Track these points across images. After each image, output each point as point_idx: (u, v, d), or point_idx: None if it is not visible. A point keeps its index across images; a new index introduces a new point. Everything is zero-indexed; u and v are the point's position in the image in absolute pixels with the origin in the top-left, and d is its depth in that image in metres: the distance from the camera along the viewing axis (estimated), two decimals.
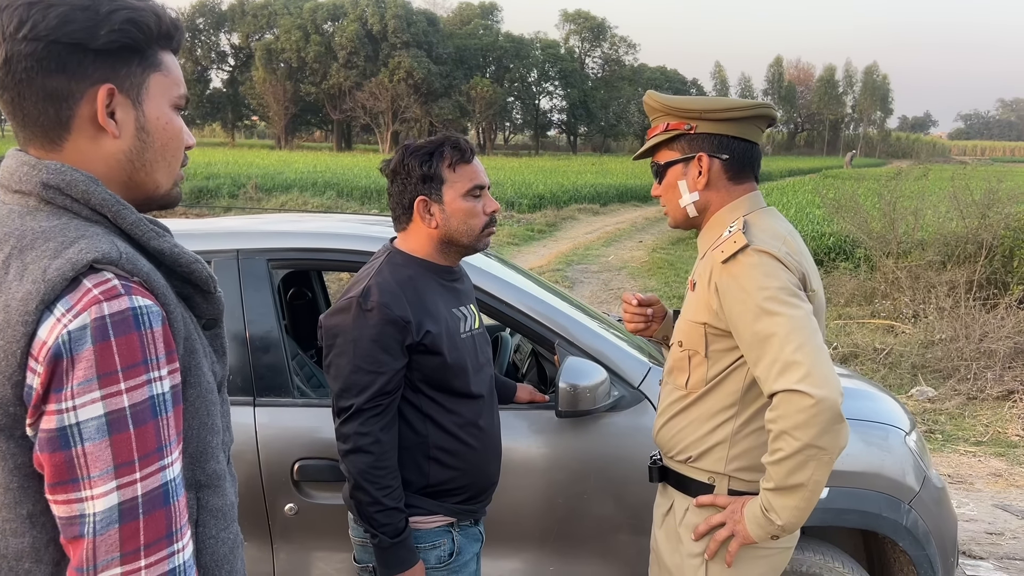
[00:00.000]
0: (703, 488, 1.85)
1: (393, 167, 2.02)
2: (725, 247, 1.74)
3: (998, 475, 5.22)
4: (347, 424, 1.87)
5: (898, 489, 2.52)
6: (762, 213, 1.84)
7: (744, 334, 1.69)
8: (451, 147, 2.00)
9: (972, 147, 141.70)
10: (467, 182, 2.00)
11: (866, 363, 7.28)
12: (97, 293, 0.94)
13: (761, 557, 1.83)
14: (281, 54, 70.40)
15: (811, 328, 1.63)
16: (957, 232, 9.58)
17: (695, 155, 1.84)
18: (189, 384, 1.08)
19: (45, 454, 0.92)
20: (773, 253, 1.69)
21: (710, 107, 1.82)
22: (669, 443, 1.92)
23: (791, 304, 1.64)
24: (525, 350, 3.38)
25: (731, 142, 1.83)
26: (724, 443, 1.81)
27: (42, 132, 1.04)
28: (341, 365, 1.88)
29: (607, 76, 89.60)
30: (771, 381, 1.62)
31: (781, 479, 1.62)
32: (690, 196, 1.87)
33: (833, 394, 1.56)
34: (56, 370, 0.92)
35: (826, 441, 1.57)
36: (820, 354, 1.60)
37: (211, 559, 1.13)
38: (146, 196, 1.14)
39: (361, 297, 1.89)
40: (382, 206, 21.79)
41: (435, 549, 1.98)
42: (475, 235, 2.02)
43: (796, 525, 1.68)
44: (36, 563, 0.99)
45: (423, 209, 1.99)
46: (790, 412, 1.58)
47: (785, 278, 1.67)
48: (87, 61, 1.02)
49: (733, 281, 1.70)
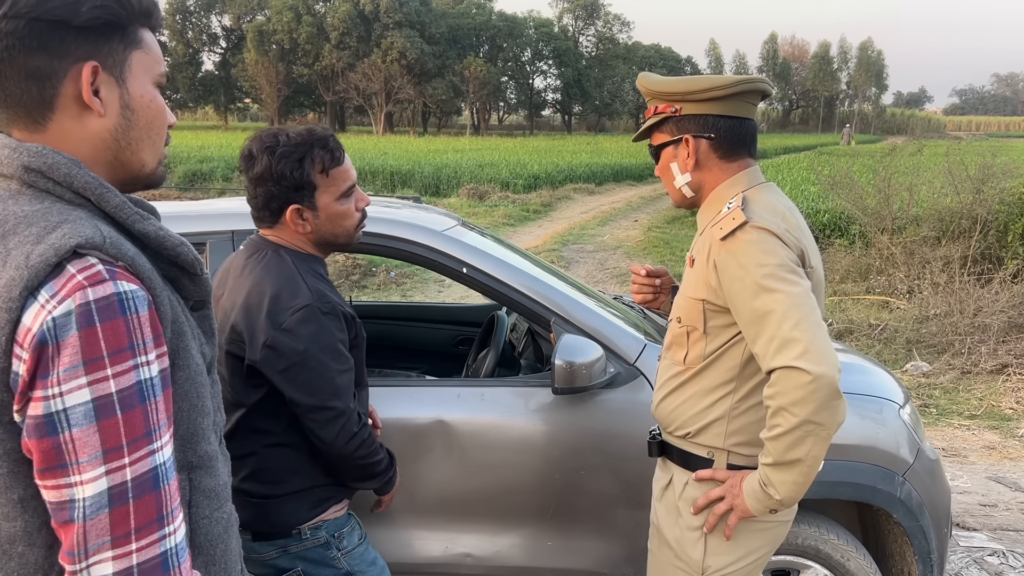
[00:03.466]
0: (702, 462, 1.86)
1: (259, 173, 1.88)
2: (724, 224, 1.73)
3: (992, 448, 5.26)
4: (348, 427, 1.88)
5: (892, 461, 2.54)
6: (761, 189, 1.83)
7: (742, 311, 1.69)
8: (321, 149, 1.89)
9: (967, 122, 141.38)
10: (340, 185, 1.93)
11: (861, 339, 7.31)
12: (81, 279, 0.93)
13: (760, 530, 1.85)
14: (273, 35, 69.82)
15: (809, 305, 1.63)
16: (952, 207, 9.59)
17: (682, 137, 1.85)
18: (178, 367, 1.07)
19: (33, 440, 0.92)
20: (772, 230, 1.69)
21: (692, 88, 1.81)
22: (668, 418, 1.93)
23: (789, 281, 1.64)
24: (521, 329, 3.39)
25: (717, 120, 1.82)
26: (722, 419, 1.82)
27: (25, 112, 1.03)
28: (322, 374, 1.84)
29: (601, 55, 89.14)
30: (769, 358, 1.62)
31: (779, 454, 1.63)
32: (682, 178, 1.88)
33: (831, 371, 1.57)
34: (42, 357, 0.91)
35: (824, 417, 1.58)
36: (818, 331, 1.60)
37: (205, 539, 1.14)
38: (131, 176, 1.12)
39: (317, 301, 1.86)
40: (376, 187, 21.73)
41: (353, 531, 2.05)
42: (350, 234, 2.00)
43: (794, 500, 1.69)
44: (29, 546, 0.99)
45: (296, 217, 1.92)
46: (788, 388, 1.58)
47: (784, 255, 1.67)
48: (69, 38, 1.01)
49: (731, 258, 1.70)
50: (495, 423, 2.50)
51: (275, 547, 1.95)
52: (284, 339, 1.83)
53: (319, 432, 1.87)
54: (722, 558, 1.84)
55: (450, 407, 2.50)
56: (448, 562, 2.55)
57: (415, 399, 2.54)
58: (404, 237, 2.57)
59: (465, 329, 4.04)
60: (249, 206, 1.98)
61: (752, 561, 1.87)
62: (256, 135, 1.96)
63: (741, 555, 1.85)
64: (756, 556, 1.87)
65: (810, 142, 58.36)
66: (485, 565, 2.56)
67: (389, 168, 23.14)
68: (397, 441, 2.46)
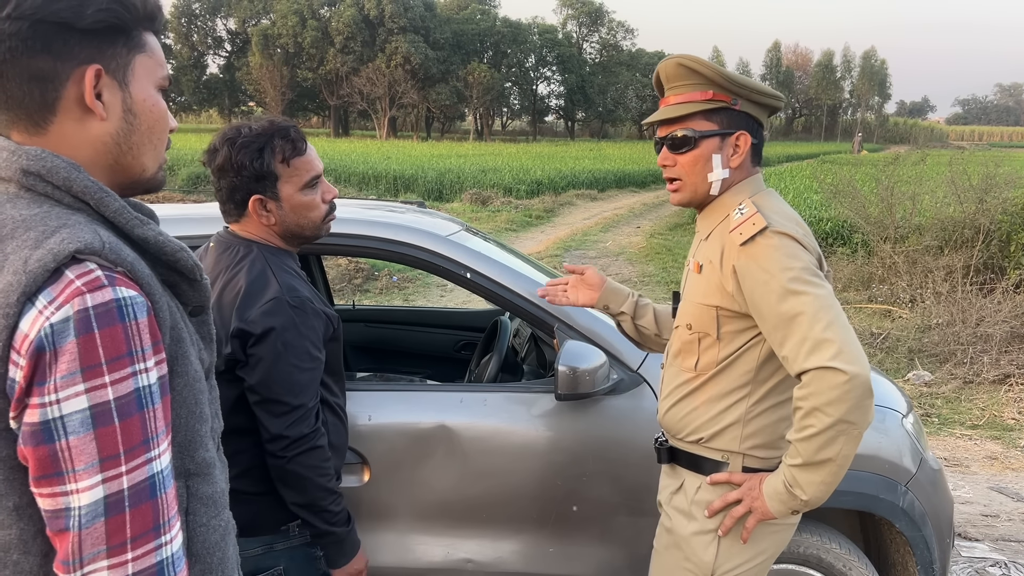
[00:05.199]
0: (716, 466, 1.85)
1: (220, 164, 1.90)
2: (743, 229, 1.72)
3: (994, 458, 5.25)
4: (298, 425, 1.82)
5: (895, 471, 2.53)
6: (767, 195, 1.83)
7: (768, 316, 1.67)
8: (282, 139, 1.89)
9: (970, 132, 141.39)
10: (304, 175, 1.92)
11: (863, 347, 7.29)
12: (80, 284, 0.92)
13: (771, 532, 1.85)
14: (278, 39, 70.00)
15: (837, 307, 1.64)
16: (954, 217, 9.57)
17: (735, 132, 1.80)
18: (176, 373, 1.06)
19: (29, 447, 0.91)
20: (792, 235, 1.69)
21: (755, 87, 1.79)
22: (677, 425, 1.91)
23: (815, 284, 1.65)
24: (524, 334, 3.38)
25: (757, 125, 1.83)
26: (738, 422, 1.81)
27: (26, 115, 1.02)
28: (279, 367, 1.82)
29: (605, 61, 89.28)
30: (801, 359, 1.62)
31: (810, 455, 1.63)
32: (722, 172, 1.81)
33: (865, 370, 1.58)
34: (39, 363, 0.90)
35: (857, 416, 1.59)
36: (848, 332, 1.62)
37: (202, 546, 1.12)
38: (132, 180, 1.11)
39: (287, 294, 1.85)
40: (380, 191, 21.75)
41: None
42: (316, 226, 1.98)
43: (821, 499, 1.68)
44: (24, 554, 0.98)
45: (259, 207, 1.92)
46: (823, 389, 1.58)
47: (807, 259, 1.68)
48: (73, 41, 1.00)
49: (753, 263, 1.69)
50: (497, 429, 2.49)
51: (261, 544, 1.93)
52: (247, 329, 1.83)
53: (267, 423, 1.82)
54: (732, 560, 1.84)
55: (452, 412, 2.49)
56: (449, 567, 2.54)
57: (417, 404, 2.53)
58: (408, 242, 2.57)
59: (468, 334, 4.04)
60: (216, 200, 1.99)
61: (760, 562, 1.87)
62: (221, 129, 1.98)
63: (750, 556, 1.85)
64: (764, 557, 1.87)
65: (813, 150, 58.37)
66: (486, 571, 2.55)
67: (392, 173, 23.15)
68: (399, 445, 2.46)
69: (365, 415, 2.43)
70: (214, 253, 2.00)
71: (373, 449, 2.43)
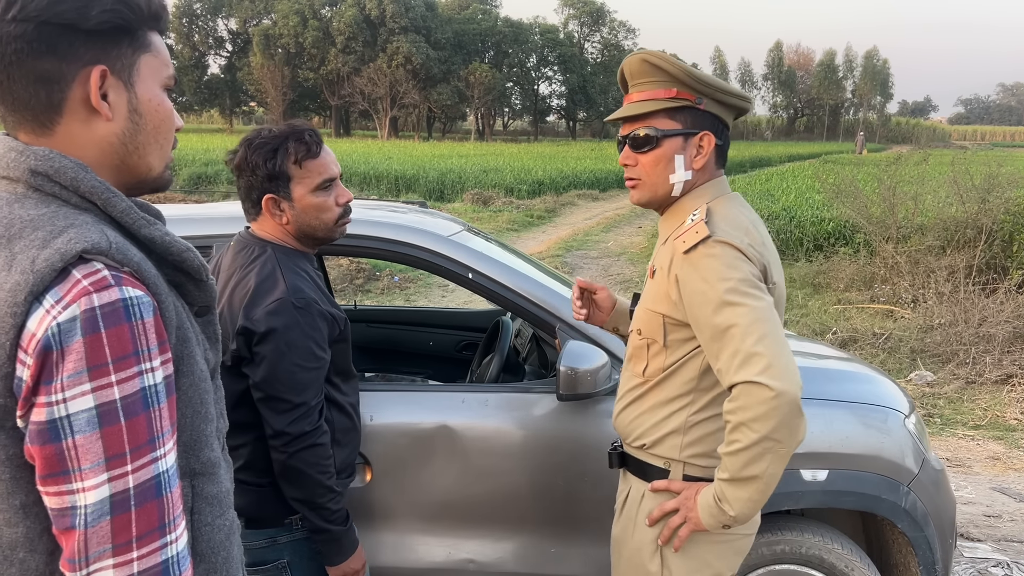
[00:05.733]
0: (659, 473, 1.83)
1: (237, 163, 1.99)
2: (687, 237, 1.69)
3: (996, 458, 5.24)
4: (299, 422, 1.86)
5: (897, 471, 2.53)
6: (726, 200, 1.78)
7: (704, 326, 1.64)
8: (295, 142, 1.95)
9: (972, 132, 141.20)
10: (316, 177, 1.97)
11: (865, 348, 7.29)
12: (87, 284, 0.93)
13: (718, 542, 1.80)
14: (279, 39, 70.05)
15: (773, 320, 1.59)
16: (957, 217, 9.56)
17: (699, 132, 1.75)
18: (182, 373, 1.07)
19: (36, 446, 0.92)
20: (735, 244, 1.65)
21: (721, 86, 1.74)
22: (626, 429, 1.90)
23: (752, 296, 1.60)
24: (526, 334, 3.38)
25: (722, 126, 1.78)
26: (679, 431, 1.78)
27: (32, 116, 1.02)
28: (282, 366, 1.86)
29: (606, 61, 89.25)
30: (731, 373, 1.58)
31: (736, 470, 1.59)
32: (684, 173, 1.76)
33: (793, 387, 1.53)
34: (46, 362, 0.91)
35: (783, 434, 1.54)
36: (781, 347, 1.57)
37: (207, 546, 1.13)
38: (138, 180, 1.12)
39: (292, 295, 1.89)
40: (381, 191, 21.76)
41: None
42: (329, 227, 2.03)
43: (748, 517, 1.65)
44: (30, 552, 0.99)
45: (272, 206, 1.98)
46: (750, 404, 1.54)
47: (747, 270, 1.63)
48: (78, 42, 1.00)
49: (694, 272, 1.66)
50: (499, 429, 2.49)
51: (265, 536, 1.97)
52: (252, 328, 1.87)
53: (270, 420, 1.87)
54: (677, 571, 1.80)
55: (454, 412, 2.50)
56: (451, 568, 2.54)
57: (419, 404, 2.54)
58: (409, 242, 2.58)
59: (469, 334, 4.04)
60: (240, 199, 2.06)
61: (712, 574, 1.82)
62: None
63: (697, 567, 1.80)
64: (715, 570, 1.82)
65: (815, 150, 58.29)
66: (488, 571, 2.55)
67: (394, 173, 23.16)
68: (401, 446, 2.46)
69: (367, 415, 2.43)
70: (232, 252, 2.06)
71: (375, 449, 2.43)
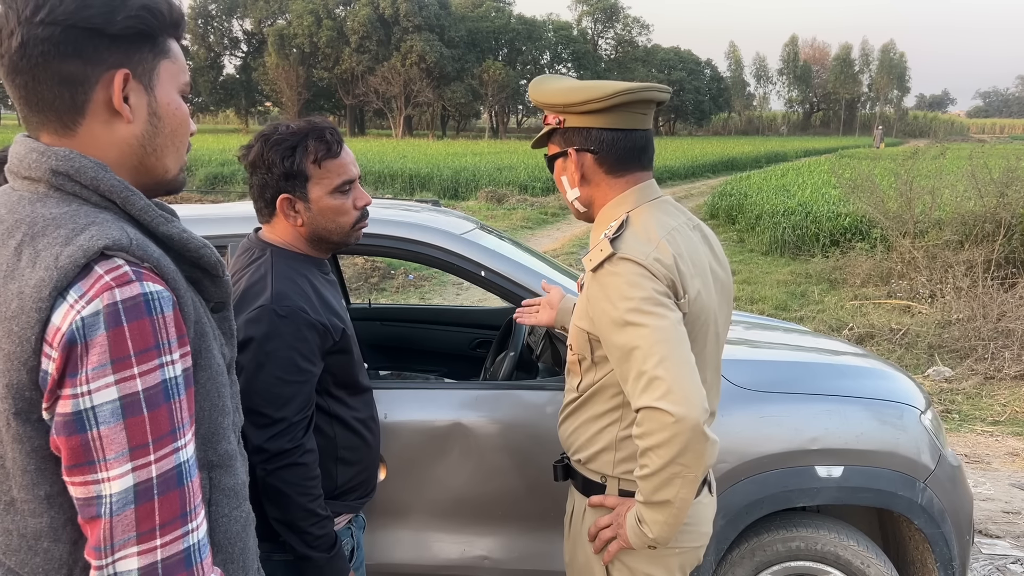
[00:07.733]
0: (598, 488, 1.81)
1: (252, 160, 1.85)
2: (593, 255, 1.66)
3: (1015, 455, 5.20)
4: (278, 439, 1.72)
5: (913, 467, 2.52)
6: (649, 208, 1.73)
7: (610, 347, 1.62)
8: (315, 140, 1.83)
9: (991, 125, 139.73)
10: (335, 178, 1.85)
11: (882, 343, 7.25)
12: (109, 279, 0.95)
13: (658, 555, 1.76)
14: (293, 39, 70.41)
15: (675, 339, 1.54)
16: (975, 211, 9.47)
17: (567, 151, 1.76)
18: (200, 367, 1.09)
19: (61, 438, 0.94)
20: (639, 261, 1.60)
21: (571, 100, 1.70)
22: (566, 443, 1.89)
23: (655, 314, 1.55)
24: (539, 332, 3.39)
25: (600, 134, 1.71)
26: (610, 447, 1.77)
27: (56, 117, 1.05)
28: (260, 377, 1.73)
29: (620, 57, 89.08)
30: (636, 396, 1.55)
31: (648, 494, 1.58)
32: (572, 192, 1.79)
33: (693, 412, 1.49)
34: (71, 356, 0.93)
35: (689, 459, 1.51)
36: (682, 368, 1.52)
37: (224, 537, 1.15)
38: (155, 181, 1.14)
39: (275, 303, 1.75)
40: (395, 190, 21.82)
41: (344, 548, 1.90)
42: (345, 232, 1.90)
43: (666, 539, 1.63)
44: (54, 542, 1.02)
45: (287, 207, 1.85)
46: (653, 429, 1.52)
47: (650, 288, 1.58)
48: (103, 46, 1.03)
49: (600, 291, 1.63)
50: (513, 426, 2.50)
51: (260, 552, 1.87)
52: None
53: (248, 434, 1.70)
54: None
55: (468, 410, 2.51)
56: (466, 565, 2.56)
57: (434, 402, 2.55)
58: (423, 240, 2.59)
59: (483, 332, 4.05)
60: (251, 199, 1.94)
61: None
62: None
63: None
64: None
65: (831, 145, 57.90)
66: (503, 568, 2.56)
67: (408, 171, 23.21)
68: (415, 443, 2.48)
69: (381, 413, 2.44)
70: (236, 255, 1.98)
71: (389, 447, 2.45)
